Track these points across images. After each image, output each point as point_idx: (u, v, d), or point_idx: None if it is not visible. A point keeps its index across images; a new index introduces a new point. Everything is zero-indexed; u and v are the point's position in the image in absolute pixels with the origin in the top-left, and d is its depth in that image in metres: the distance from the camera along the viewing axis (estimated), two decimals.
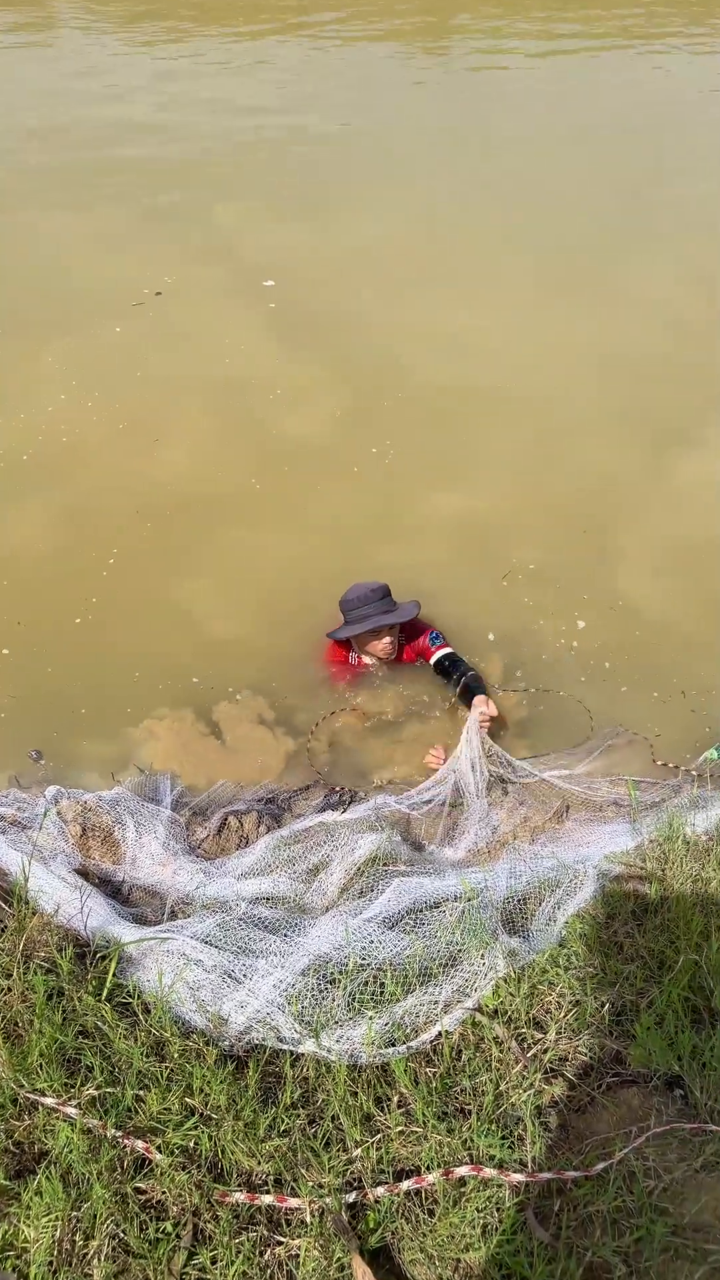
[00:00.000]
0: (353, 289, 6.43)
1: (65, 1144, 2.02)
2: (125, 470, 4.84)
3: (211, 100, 9.79)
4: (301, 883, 2.99)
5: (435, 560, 4.32)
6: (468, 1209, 1.96)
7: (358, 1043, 2.28)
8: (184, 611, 4.10)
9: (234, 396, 5.39)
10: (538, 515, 4.57)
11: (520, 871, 2.90)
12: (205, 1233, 1.97)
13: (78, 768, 3.54)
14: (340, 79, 10.85)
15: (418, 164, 8.51)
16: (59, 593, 4.16)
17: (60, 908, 2.66)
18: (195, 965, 2.48)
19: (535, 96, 10.50)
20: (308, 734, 3.58)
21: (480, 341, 5.85)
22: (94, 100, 9.68)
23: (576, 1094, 2.19)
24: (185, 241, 6.94)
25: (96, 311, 6.10)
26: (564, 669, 3.86)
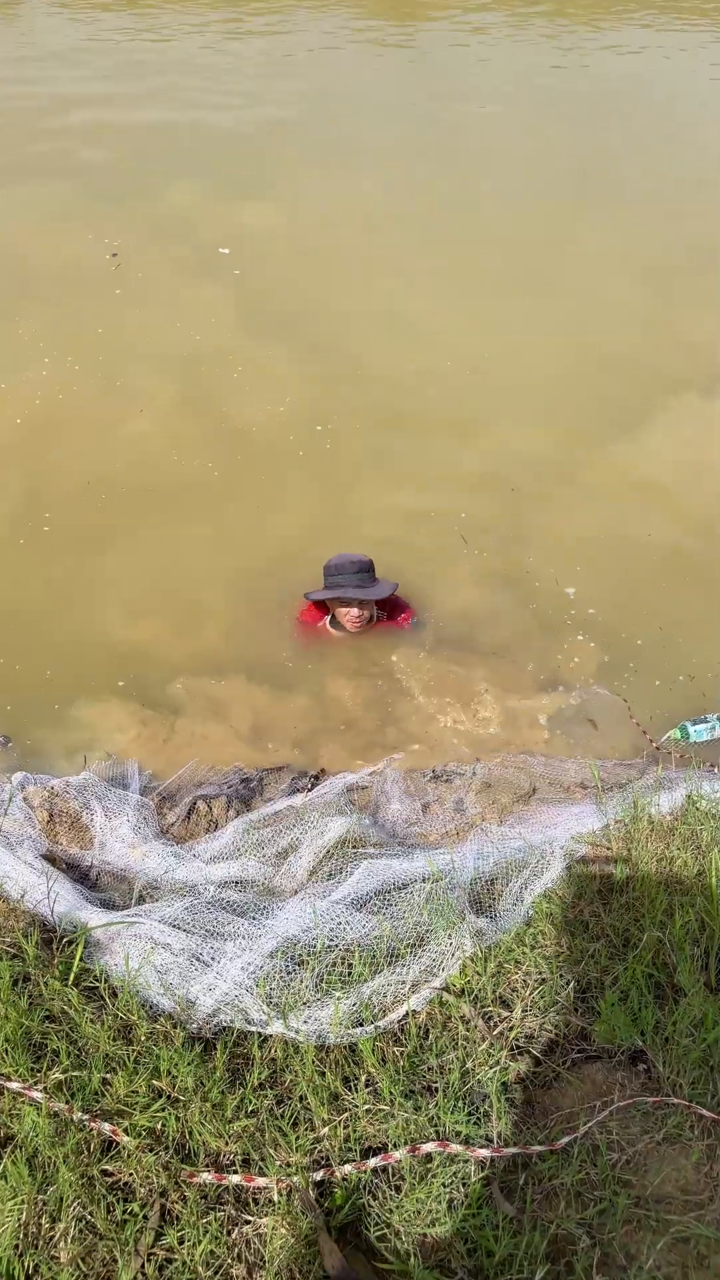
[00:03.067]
0: (312, 265, 6.37)
1: (31, 1128, 2.01)
2: (84, 450, 4.75)
3: (171, 77, 9.61)
4: (270, 866, 2.99)
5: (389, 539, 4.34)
6: (434, 1184, 1.98)
7: (325, 1023, 2.29)
8: (132, 595, 4.04)
9: (195, 374, 5.31)
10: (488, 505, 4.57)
11: (488, 853, 2.92)
12: (173, 1213, 1.97)
13: (43, 754, 3.50)
14: (304, 56, 10.70)
15: (381, 144, 8.44)
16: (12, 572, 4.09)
17: (26, 893, 2.64)
18: (163, 949, 2.48)
19: (503, 78, 10.45)
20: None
21: (435, 325, 5.83)
22: (49, 76, 9.46)
23: (542, 1070, 2.22)
24: (140, 216, 6.81)
25: (56, 287, 5.98)
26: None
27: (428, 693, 3.77)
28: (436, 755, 3.60)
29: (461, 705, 3.74)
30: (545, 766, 3.54)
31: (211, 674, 3.76)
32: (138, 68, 9.87)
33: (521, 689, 3.82)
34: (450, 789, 3.44)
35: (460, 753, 3.59)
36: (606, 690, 3.73)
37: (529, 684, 3.83)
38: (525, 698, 3.79)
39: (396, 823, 3.27)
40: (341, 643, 3.91)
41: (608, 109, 9.49)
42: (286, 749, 3.60)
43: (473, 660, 3.88)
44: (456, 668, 3.86)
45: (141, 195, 7.10)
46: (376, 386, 5.28)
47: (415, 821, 3.28)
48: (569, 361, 5.53)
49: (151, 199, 7.06)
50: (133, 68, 9.86)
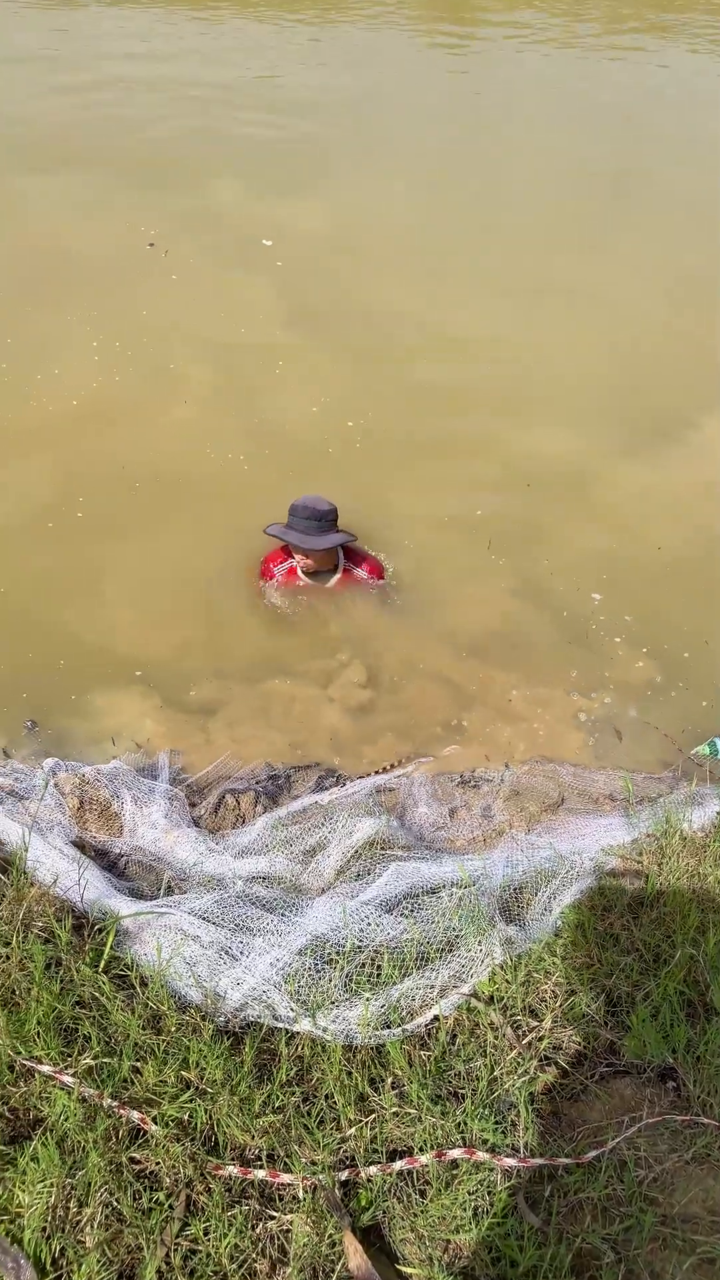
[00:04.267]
0: (351, 265, 6.36)
1: (61, 1111, 2.02)
2: (126, 437, 4.76)
3: (213, 73, 9.64)
4: (298, 863, 2.99)
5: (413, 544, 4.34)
6: (459, 1191, 1.98)
7: (353, 1023, 2.29)
8: (153, 585, 4.04)
9: (237, 365, 5.31)
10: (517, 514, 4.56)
11: (517, 860, 2.92)
12: (198, 1204, 1.98)
13: (63, 742, 3.51)
14: (352, 56, 10.70)
15: (421, 147, 8.42)
16: (46, 560, 4.11)
17: (58, 879, 2.65)
18: (193, 941, 2.49)
19: (546, 83, 10.41)
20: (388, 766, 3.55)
21: (471, 329, 5.80)
22: (99, 66, 9.50)
23: (569, 1082, 2.21)
24: (183, 209, 6.83)
25: (101, 275, 6.00)
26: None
27: (454, 697, 3.76)
28: (464, 760, 3.59)
29: (489, 710, 3.73)
30: (574, 776, 3.53)
31: (235, 668, 3.75)
32: (182, 61, 9.91)
33: (550, 697, 3.81)
34: (478, 795, 3.44)
35: (488, 758, 3.58)
36: (634, 709, 3.71)
37: (557, 692, 3.81)
38: (553, 705, 3.77)
39: (424, 826, 3.27)
40: (300, 585, 3.91)
41: (647, 118, 9.45)
42: (313, 747, 3.60)
43: (500, 665, 3.87)
44: (484, 672, 3.85)
45: (184, 188, 7.12)
46: (410, 387, 5.27)
47: (442, 826, 3.28)
48: (601, 371, 5.51)
49: (194, 192, 7.08)
50: (177, 61, 9.89)
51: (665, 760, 3.52)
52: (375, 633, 3.94)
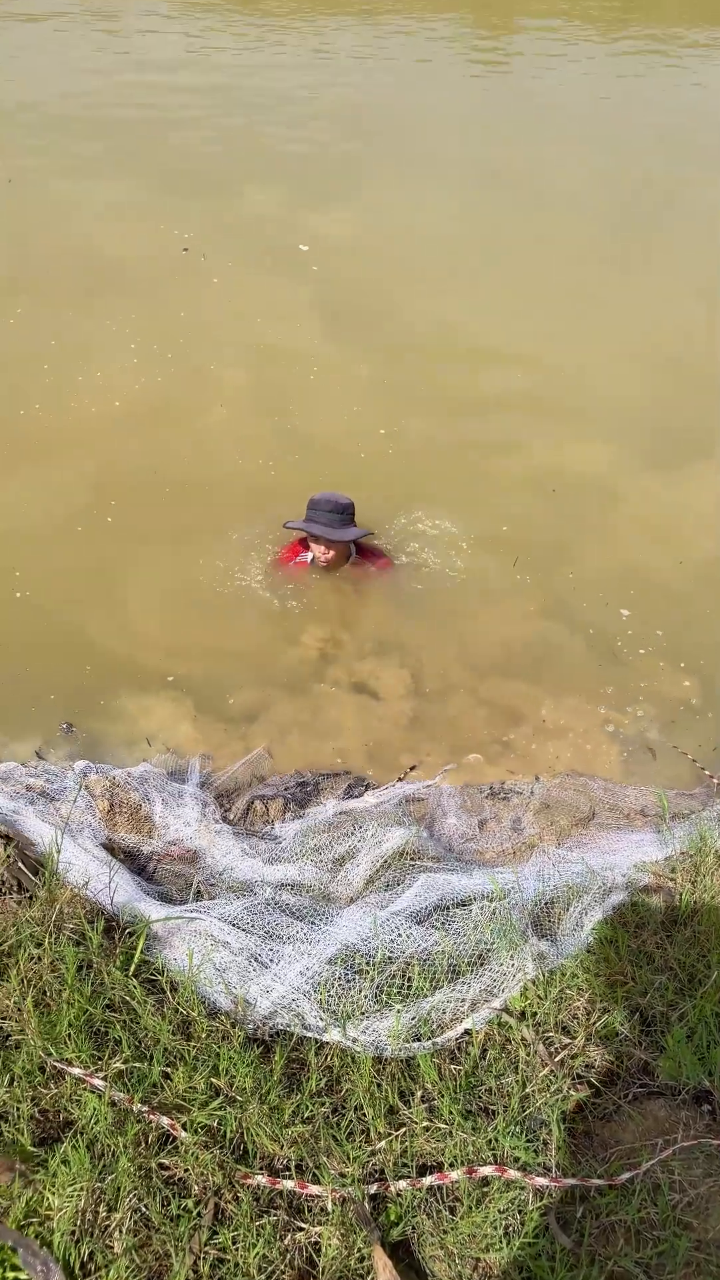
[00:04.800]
0: (387, 273, 6.38)
1: (92, 1115, 2.02)
2: (160, 440, 4.80)
3: (252, 81, 9.72)
4: (327, 872, 2.98)
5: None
6: (490, 1209, 1.95)
7: (383, 1035, 2.27)
8: (178, 591, 4.07)
9: (272, 370, 5.34)
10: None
11: (548, 874, 2.89)
12: (226, 1213, 1.97)
13: (96, 746, 3.52)
14: (392, 66, 10.76)
15: (457, 157, 8.44)
16: (73, 563, 4.14)
17: (90, 881, 2.66)
18: (223, 947, 2.48)
19: (585, 95, 10.40)
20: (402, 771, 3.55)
21: (505, 341, 5.79)
22: (135, 72, 9.62)
23: (602, 1101, 2.18)
24: (219, 215, 6.89)
25: (140, 280, 6.06)
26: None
27: (484, 709, 3.74)
28: (493, 772, 3.57)
29: (519, 723, 3.70)
30: (605, 791, 3.49)
31: (263, 675, 3.76)
32: (222, 70, 10.01)
33: (581, 711, 3.78)
34: (507, 807, 3.42)
35: (511, 773, 3.56)
36: (666, 725, 3.67)
37: (588, 706, 3.78)
38: (584, 720, 3.75)
39: (453, 837, 3.25)
40: (316, 579, 4.01)
41: (687, 132, 9.41)
42: (342, 755, 3.60)
43: (530, 678, 3.85)
44: (513, 685, 3.83)
45: (222, 195, 7.18)
46: (442, 397, 5.28)
47: (472, 837, 3.26)
48: (632, 385, 5.47)
49: (231, 199, 7.14)
50: (216, 71, 10.00)
51: (698, 775, 3.48)
52: (404, 642, 3.94)
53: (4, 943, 2.40)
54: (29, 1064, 2.12)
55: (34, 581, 4.00)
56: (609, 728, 3.71)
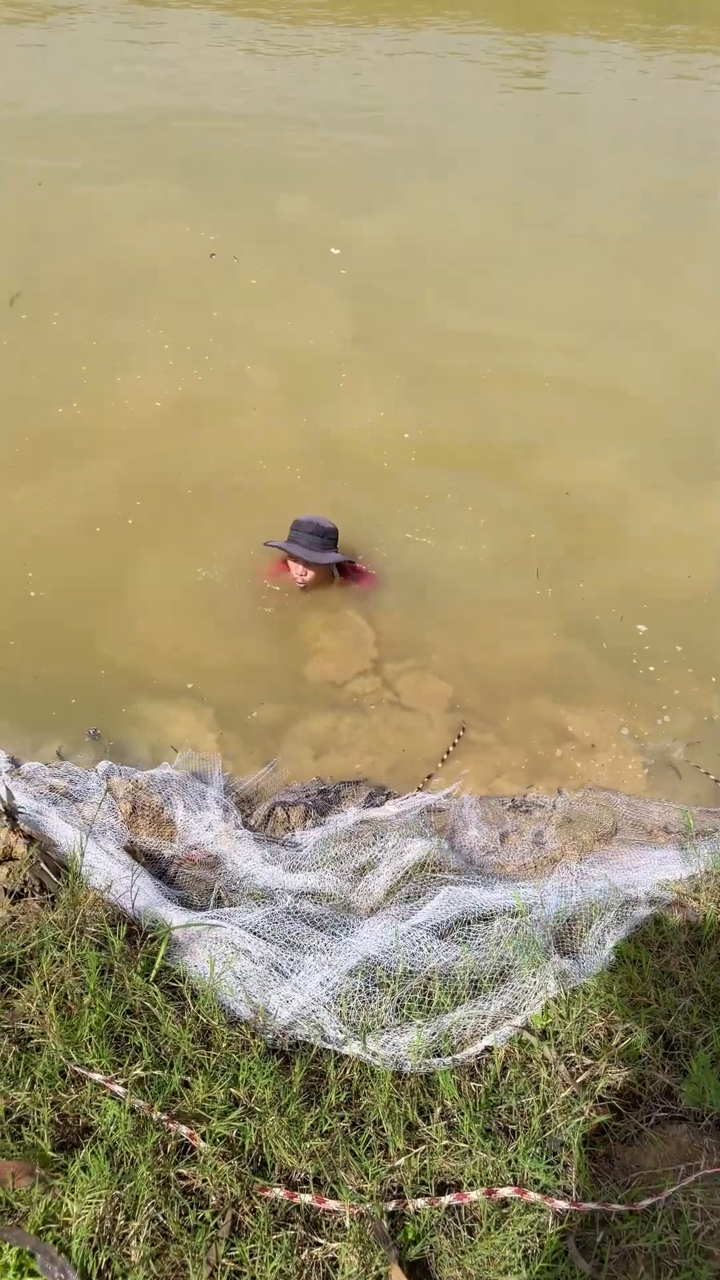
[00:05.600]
0: (417, 282, 6.36)
1: (111, 1121, 2.02)
2: (191, 443, 4.80)
3: (286, 87, 9.74)
4: (347, 881, 2.98)
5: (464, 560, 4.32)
6: (509, 1231, 1.94)
7: (403, 1049, 2.26)
8: (198, 595, 4.06)
9: (303, 375, 5.34)
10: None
11: (570, 890, 2.86)
12: (243, 1225, 1.96)
13: (128, 751, 3.53)
14: (429, 75, 10.75)
15: (492, 166, 8.41)
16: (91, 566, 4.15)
17: (113, 884, 2.67)
18: (243, 955, 2.48)
19: (626, 108, 10.34)
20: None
21: (535, 353, 5.75)
22: (162, 80, 9.65)
23: (624, 1125, 2.16)
24: (251, 220, 6.90)
25: (174, 283, 6.08)
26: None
27: (505, 723, 3.72)
28: (514, 784, 3.55)
29: (543, 737, 3.68)
30: (628, 806, 3.46)
31: (277, 684, 3.75)
32: (253, 77, 10.03)
33: (602, 726, 3.75)
34: (529, 820, 3.39)
35: (531, 786, 3.54)
36: (688, 741, 3.64)
37: (609, 721, 3.75)
38: (606, 735, 3.72)
39: (474, 850, 3.23)
40: (299, 587, 4.02)
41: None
42: (362, 763, 3.59)
43: (549, 692, 3.82)
44: (532, 699, 3.80)
45: (254, 201, 7.20)
46: (470, 407, 5.26)
47: (493, 850, 3.24)
48: (665, 399, 5.43)
49: (262, 204, 7.15)
50: (249, 77, 10.02)
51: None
52: (421, 654, 3.92)
53: (27, 944, 2.41)
54: (50, 1068, 2.13)
55: (47, 582, 4.01)
56: (630, 743, 3.69)
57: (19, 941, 2.43)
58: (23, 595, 3.95)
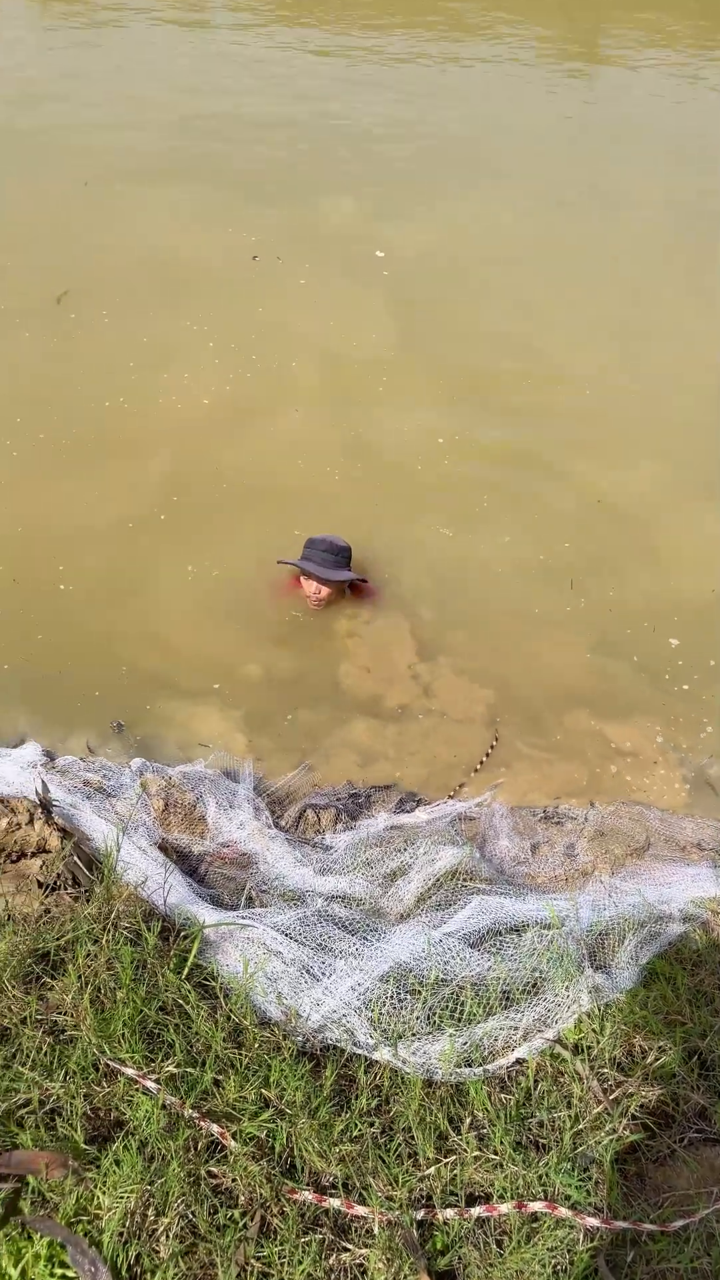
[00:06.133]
0: (458, 289, 6.35)
1: (145, 1116, 2.03)
2: (231, 441, 4.82)
3: (331, 93, 9.78)
4: (378, 886, 2.97)
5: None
6: (539, 1246, 1.92)
7: (434, 1058, 2.25)
8: (226, 595, 4.06)
9: (345, 378, 5.36)
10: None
11: (603, 904, 2.84)
12: (271, 1227, 1.96)
13: (155, 747, 3.54)
14: (472, 82, 10.76)
15: (537, 175, 8.39)
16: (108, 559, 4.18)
17: (147, 880, 2.68)
18: (275, 957, 2.48)
19: (670, 119, 10.29)
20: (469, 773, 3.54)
21: (574, 363, 5.71)
22: (213, 86, 9.74)
23: (656, 1144, 2.14)
24: (295, 222, 6.93)
25: (217, 284, 6.12)
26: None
27: (539, 735, 3.70)
28: (545, 795, 3.53)
29: (572, 750, 3.65)
30: (661, 821, 3.43)
31: (310, 687, 3.75)
32: (298, 82, 10.09)
33: (633, 738, 3.72)
34: (561, 832, 3.37)
35: (558, 797, 3.52)
36: (716, 765, 3.60)
37: (643, 736, 3.72)
38: (640, 749, 3.69)
39: (504, 859, 3.22)
40: (309, 605, 4.01)
41: None
42: (393, 769, 3.58)
43: (584, 705, 3.80)
44: (565, 711, 3.77)
45: (296, 204, 7.22)
46: (507, 414, 5.24)
47: (523, 861, 3.22)
48: (700, 410, 5.37)
49: (306, 208, 7.18)
50: (293, 81, 10.08)
51: None
52: (450, 662, 3.90)
53: (62, 937, 2.43)
54: (83, 1060, 2.14)
55: (78, 576, 4.03)
56: (664, 757, 3.65)
57: (54, 934, 2.45)
58: (53, 588, 3.99)
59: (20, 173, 7.27)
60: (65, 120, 8.33)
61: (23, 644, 3.77)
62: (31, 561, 4.08)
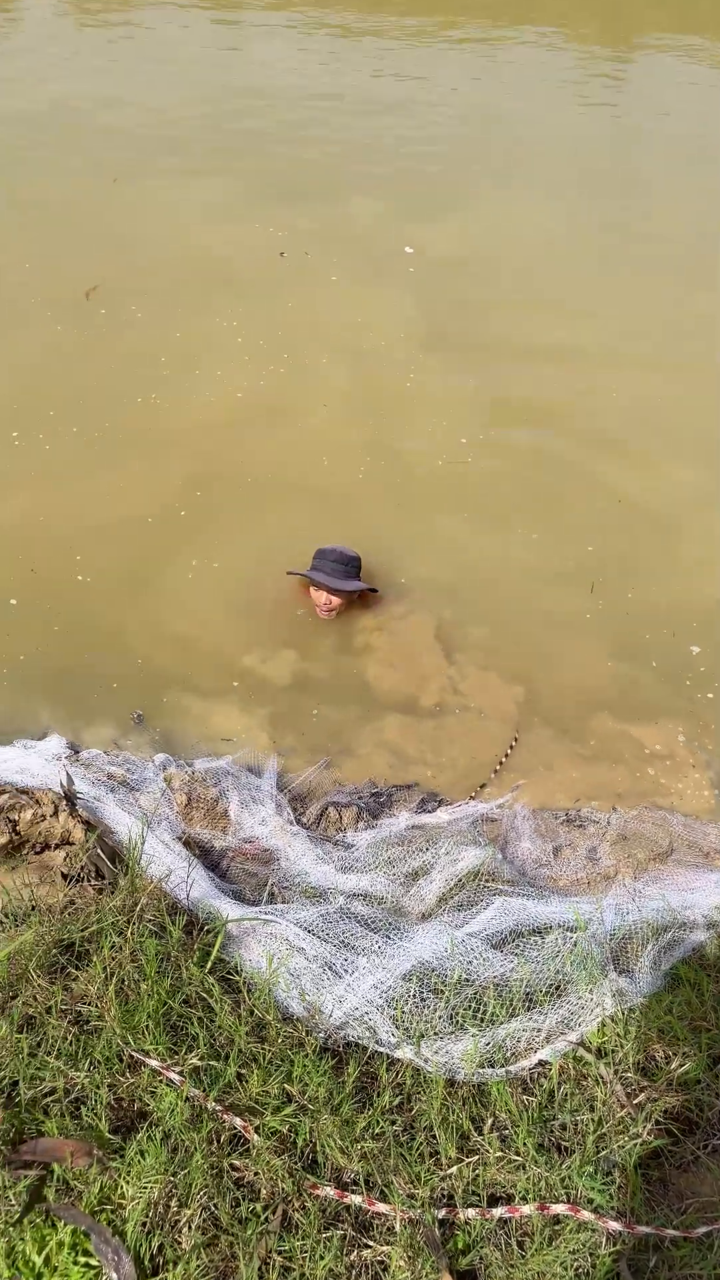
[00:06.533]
0: (489, 288, 6.35)
1: (169, 1108, 2.04)
2: (261, 439, 4.84)
3: (362, 91, 9.79)
4: (400, 885, 2.97)
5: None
6: (561, 1249, 1.91)
7: (456, 1057, 2.25)
8: (245, 593, 4.06)
9: (371, 376, 5.36)
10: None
11: (626, 909, 2.83)
12: (293, 1221, 1.96)
13: (170, 734, 3.55)
14: (504, 81, 10.74)
15: (568, 173, 8.36)
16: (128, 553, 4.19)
17: (171, 873, 2.70)
18: (298, 953, 2.49)
19: (702, 117, 10.23)
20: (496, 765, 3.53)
21: (607, 365, 5.69)
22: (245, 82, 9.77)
23: (680, 1150, 2.12)
24: (324, 219, 6.95)
25: (247, 281, 6.15)
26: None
27: (561, 737, 3.68)
28: (567, 798, 3.52)
29: (594, 753, 3.64)
30: (684, 827, 3.41)
31: (332, 686, 3.75)
32: (329, 81, 10.11)
33: (656, 743, 3.69)
34: (583, 835, 3.36)
35: (577, 800, 3.50)
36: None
37: (663, 738, 3.70)
38: (660, 752, 3.66)
39: (526, 862, 3.21)
40: (322, 614, 4.00)
41: None
42: (414, 768, 3.58)
43: (604, 709, 3.78)
44: (588, 715, 3.76)
45: (326, 202, 7.24)
46: (533, 415, 5.23)
47: (545, 863, 3.21)
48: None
49: (335, 206, 7.19)
50: (325, 80, 10.10)
51: None
52: (472, 661, 3.89)
53: (86, 928, 2.45)
54: (108, 1051, 2.15)
55: (94, 568, 4.05)
56: (687, 763, 3.63)
57: (78, 925, 2.46)
58: (69, 578, 4.01)
59: (50, 169, 7.33)
60: (94, 115, 8.39)
61: (40, 634, 3.79)
62: (50, 553, 4.11)
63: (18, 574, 3.99)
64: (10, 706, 3.55)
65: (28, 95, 8.57)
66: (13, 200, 6.85)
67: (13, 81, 8.93)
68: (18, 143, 7.69)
